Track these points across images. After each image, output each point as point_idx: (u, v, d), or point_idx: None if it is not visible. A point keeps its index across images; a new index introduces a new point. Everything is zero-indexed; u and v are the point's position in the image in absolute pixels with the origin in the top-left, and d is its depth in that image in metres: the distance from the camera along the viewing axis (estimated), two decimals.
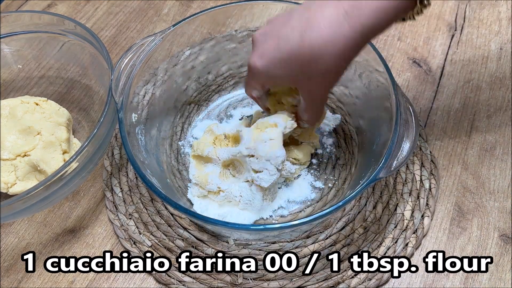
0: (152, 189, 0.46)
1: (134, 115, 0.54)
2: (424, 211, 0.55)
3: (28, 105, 0.59)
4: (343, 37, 0.41)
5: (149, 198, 0.57)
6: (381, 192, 0.56)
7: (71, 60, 0.65)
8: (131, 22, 0.75)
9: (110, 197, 0.57)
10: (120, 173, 0.59)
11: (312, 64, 0.43)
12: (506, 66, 0.66)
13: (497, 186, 0.57)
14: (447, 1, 0.74)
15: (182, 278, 0.51)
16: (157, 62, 0.57)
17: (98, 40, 0.56)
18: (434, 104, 0.64)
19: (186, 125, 0.62)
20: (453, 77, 0.66)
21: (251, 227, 0.47)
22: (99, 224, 0.56)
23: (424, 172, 0.57)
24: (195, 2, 0.76)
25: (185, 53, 0.61)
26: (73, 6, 0.77)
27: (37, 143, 0.56)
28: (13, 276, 0.53)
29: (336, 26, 0.41)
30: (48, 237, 0.55)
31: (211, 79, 0.64)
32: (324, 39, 0.41)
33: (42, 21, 0.61)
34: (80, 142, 0.61)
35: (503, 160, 0.59)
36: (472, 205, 0.56)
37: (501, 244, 0.53)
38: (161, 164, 0.56)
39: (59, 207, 0.57)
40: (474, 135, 0.61)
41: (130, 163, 0.49)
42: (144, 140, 0.54)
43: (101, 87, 0.62)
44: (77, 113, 0.64)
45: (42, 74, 0.67)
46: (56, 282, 0.52)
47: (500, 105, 0.63)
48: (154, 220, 0.55)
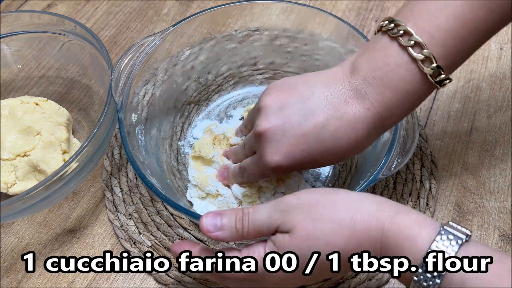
0: (152, 190, 0.46)
1: (134, 115, 0.54)
2: (424, 211, 0.55)
3: (28, 105, 0.59)
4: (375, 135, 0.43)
5: (149, 198, 0.57)
6: (381, 192, 0.56)
7: (71, 60, 0.65)
8: (131, 22, 0.75)
9: (110, 197, 0.57)
10: (120, 173, 0.59)
11: (344, 157, 0.44)
12: (506, 66, 0.66)
13: (497, 186, 0.57)
14: None
15: (182, 278, 0.51)
16: (157, 62, 0.57)
17: (98, 40, 0.56)
18: (434, 104, 0.64)
19: (186, 125, 0.62)
20: (453, 77, 0.66)
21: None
22: (99, 224, 0.56)
23: (424, 172, 0.57)
24: (195, 2, 0.76)
25: (185, 53, 0.61)
26: (73, 6, 0.77)
27: (37, 143, 0.56)
28: (13, 276, 0.53)
29: (371, 127, 0.42)
30: (48, 237, 0.55)
31: (211, 79, 0.64)
32: (360, 138, 0.42)
33: (42, 21, 0.61)
34: (80, 142, 0.61)
35: (503, 160, 0.59)
36: (472, 205, 0.56)
37: (501, 244, 0.53)
38: (161, 164, 0.56)
39: (59, 207, 0.57)
40: (474, 135, 0.61)
41: (130, 163, 0.49)
42: (144, 140, 0.54)
43: (101, 87, 0.62)
44: (77, 113, 0.64)
45: (42, 74, 0.67)
46: (56, 282, 0.52)
47: (500, 105, 0.63)
48: (154, 220, 0.55)
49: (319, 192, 0.39)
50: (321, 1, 0.75)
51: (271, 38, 0.62)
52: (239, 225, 0.39)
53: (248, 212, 0.39)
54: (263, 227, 0.38)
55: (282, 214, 0.38)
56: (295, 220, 0.37)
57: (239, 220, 0.39)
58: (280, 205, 0.39)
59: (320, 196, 0.39)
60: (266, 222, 0.38)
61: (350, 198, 0.38)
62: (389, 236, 0.35)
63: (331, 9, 0.74)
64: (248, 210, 0.39)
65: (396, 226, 0.35)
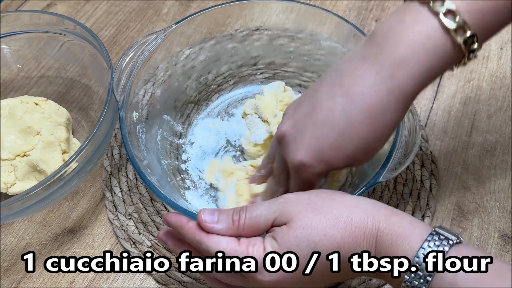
0: (151, 189, 0.46)
1: (135, 114, 0.54)
2: (425, 211, 0.55)
3: (28, 105, 0.58)
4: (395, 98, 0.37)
5: (149, 198, 0.57)
6: (382, 192, 0.56)
7: (70, 60, 0.65)
8: (130, 21, 0.75)
9: (110, 197, 0.57)
10: (120, 173, 0.59)
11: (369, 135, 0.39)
12: (507, 66, 0.66)
13: (497, 186, 0.57)
14: None
15: (182, 279, 0.51)
16: (157, 62, 0.57)
17: (98, 40, 0.56)
18: (434, 104, 0.64)
19: (186, 125, 0.62)
20: (454, 77, 0.66)
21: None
22: (98, 224, 0.56)
23: (425, 172, 0.57)
24: (195, 2, 0.76)
25: (185, 53, 0.61)
26: (72, 5, 0.77)
27: (37, 143, 0.56)
28: (12, 276, 0.53)
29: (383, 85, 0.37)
30: (48, 237, 0.55)
31: (211, 78, 0.64)
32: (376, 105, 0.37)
33: (41, 21, 0.61)
34: (80, 142, 0.61)
35: (503, 160, 0.59)
36: (472, 205, 0.56)
37: (501, 244, 0.53)
38: (161, 163, 0.56)
39: (58, 207, 0.57)
40: (474, 135, 0.61)
41: (130, 162, 0.49)
42: (144, 139, 0.54)
43: (100, 87, 0.62)
44: (77, 113, 0.64)
45: (41, 74, 0.67)
46: (56, 282, 0.52)
47: (501, 105, 0.63)
48: (154, 220, 0.55)
49: (318, 191, 0.40)
50: (321, 1, 0.75)
51: (272, 37, 0.62)
52: (236, 217, 0.38)
53: (246, 206, 0.39)
54: (260, 218, 0.38)
55: (280, 206, 0.38)
56: (294, 211, 0.37)
57: (236, 212, 0.39)
58: (278, 200, 0.39)
59: (318, 194, 0.39)
60: (264, 214, 0.38)
61: (348, 198, 0.39)
62: (384, 234, 0.35)
63: (331, 9, 0.74)
64: (246, 206, 0.39)
65: (391, 225, 0.35)
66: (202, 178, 0.57)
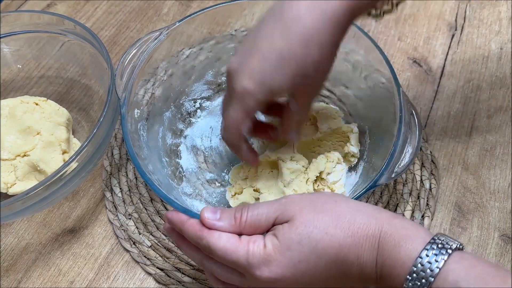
0: (151, 187, 0.46)
1: (137, 111, 0.54)
2: (425, 211, 0.55)
3: (28, 105, 0.58)
4: (329, 19, 0.40)
5: (149, 198, 0.57)
6: (381, 192, 0.56)
7: (70, 60, 0.65)
8: (130, 21, 0.75)
9: (110, 197, 0.57)
10: (120, 173, 0.59)
11: (307, 57, 0.41)
12: (507, 66, 0.66)
13: (497, 186, 0.57)
14: (447, 1, 0.74)
15: (182, 278, 0.51)
16: (157, 61, 0.57)
17: (98, 40, 0.56)
18: (434, 104, 0.64)
19: (186, 124, 0.62)
20: (454, 77, 0.66)
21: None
22: (98, 224, 0.56)
23: (425, 172, 0.57)
24: (195, 1, 0.76)
25: (185, 53, 0.61)
26: (72, 5, 0.77)
27: (37, 143, 0.56)
28: (12, 276, 0.53)
29: (318, 9, 0.40)
30: (48, 237, 0.55)
31: (211, 78, 0.64)
32: (310, 26, 0.40)
33: (41, 21, 0.61)
34: (80, 142, 0.61)
35: (503, 160, 0.59)
36: (472, 205, 0.56)
37: (501, 244, 0.53)
38: (162, 161, 0.56)
39: (58, 207, 0.57)
40: (474, 135, 0.61)
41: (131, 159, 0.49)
42: (146, 136, 0.54)
43: (100, 87, 0.62)
44: (77, 113, 0.64)
45: (41, 74, 0.67)
46: (56, 282, 0.52)
47: (501, 105, 0.63)
48: (154, 220, 0.55)
49: (320, 193, 0.41)
50: None
51: None
52: (238, 214, 0.39)
53: (248, 205, 0.40)
54: (262, 216, 0.38)
55: (283, 204, 0.38)
56: (296, 209, 0.38)
57: (238, 210, 0.39)
58: (281, 199, 0.40)
59: (321, 196, 0.39)
60: (265, 212, 0.38)
61: (351, 201, 0.39)
62: (387, 235, 0.36)
63: None
64: (248, 204, 0.40)
65: (394, 227, 0.36)
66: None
